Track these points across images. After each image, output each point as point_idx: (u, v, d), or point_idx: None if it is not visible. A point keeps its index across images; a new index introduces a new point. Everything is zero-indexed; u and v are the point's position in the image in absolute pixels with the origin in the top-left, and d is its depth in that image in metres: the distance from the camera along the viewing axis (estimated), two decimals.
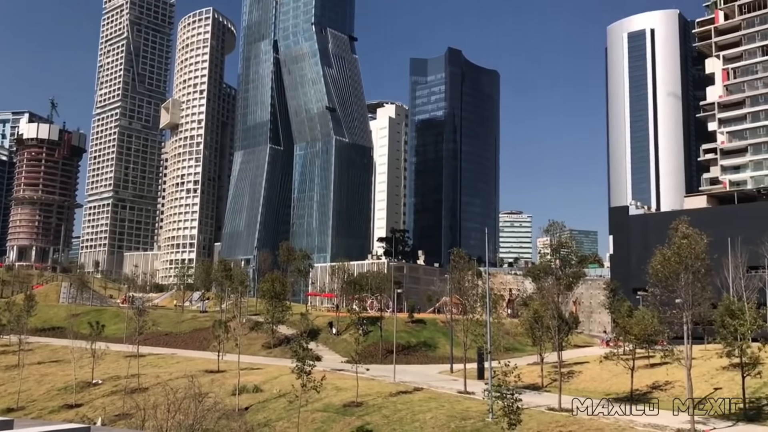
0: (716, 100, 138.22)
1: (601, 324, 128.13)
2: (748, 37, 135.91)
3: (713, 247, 43.91)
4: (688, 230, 37.44)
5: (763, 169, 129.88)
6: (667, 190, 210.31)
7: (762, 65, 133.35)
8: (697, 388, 43.81)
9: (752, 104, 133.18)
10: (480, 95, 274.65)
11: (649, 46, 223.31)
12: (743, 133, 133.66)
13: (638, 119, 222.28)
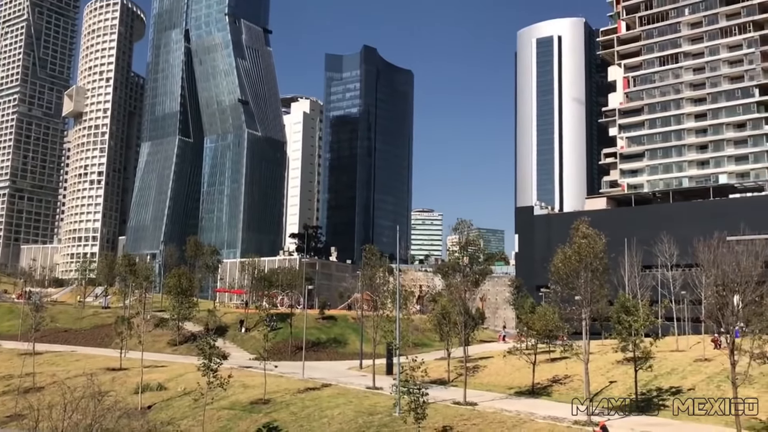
0: (617, 107, 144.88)
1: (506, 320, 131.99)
2: (648, 48, 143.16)
3: (611, 247, 46.05)
4: (588, 230, 39.01)
5: (658, 174, 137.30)
6: (570, 191, 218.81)
7: (659, 75, 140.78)
8: (594, 381, 45.85)
9: (650, 111, 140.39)
10: (395, 94, 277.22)
11: (556, 52, 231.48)
12: (641, 139, 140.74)
13: (544, 123, 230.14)
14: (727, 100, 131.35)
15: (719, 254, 33.57)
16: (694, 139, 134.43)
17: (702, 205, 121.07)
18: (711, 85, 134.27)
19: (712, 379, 43.61)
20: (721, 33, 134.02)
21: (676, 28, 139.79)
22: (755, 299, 32.38)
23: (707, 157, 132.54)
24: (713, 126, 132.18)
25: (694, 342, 59.41)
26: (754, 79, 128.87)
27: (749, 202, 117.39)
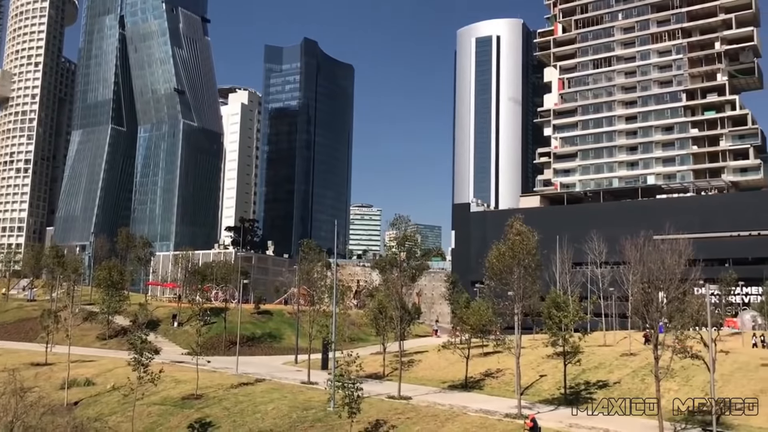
0: (552, 107, 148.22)
1: (441, 315, 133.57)
2: (582, 50, 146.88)
3: (543, 244, 47.12)
4: (522, 227, 39.77)
5: (589, 174, 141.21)
6: (505, 189, 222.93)
7: (593, 77, 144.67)
8: (525, 375, 46.91)
9: (583, 113, 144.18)
10: (335, 88, 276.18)
11: (495, 52, 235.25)
12: (574, 140, 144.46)
13: (482, 121, 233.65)
14: (656, 104, 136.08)
15: (645, 252, 34.75)
16: (624, 141, 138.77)
17: (630, 205, 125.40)
18: (641, 88, 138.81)
19: (637, 373, 45.24)
20: (652, 38, 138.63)
21: (610, 32, 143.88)
22: (678, 296, 33.68)
23: (636, 159, 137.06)
24: (643, 128, 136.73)
25: (621, 337, 61.57)
26: (681, 84, 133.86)
27: (674, 203, 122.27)
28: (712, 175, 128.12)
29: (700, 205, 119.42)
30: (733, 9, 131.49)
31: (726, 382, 41.08)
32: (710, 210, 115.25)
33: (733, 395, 38.90)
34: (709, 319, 32.18)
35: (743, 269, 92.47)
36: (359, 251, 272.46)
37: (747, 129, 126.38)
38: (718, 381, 39.74)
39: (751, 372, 43.09)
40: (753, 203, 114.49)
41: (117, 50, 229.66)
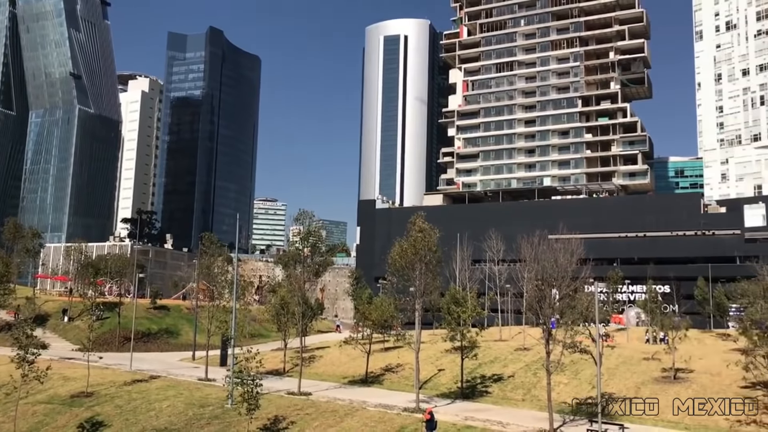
0: (456, 108, 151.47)
1: (345, 310, 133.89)
2: (486, 54, 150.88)
3: (445, 241, 48.14)
4: (424, 225, 40.45)
5: (490, 174, 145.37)
6: (410, 187, 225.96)
7: (495, 81, 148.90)
8: (424, 369, 47.81)
9: (485, 115, 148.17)
10: (240, 79, 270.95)
11: (402, 51, 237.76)
12: (476, 141, 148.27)
13: (389, 119, 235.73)
14: (554, 109, 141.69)
15: (540, 251, 36.17)
16: (523, 144, 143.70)
17: (528, 205, 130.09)
18: (541, 93, 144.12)
19: (530, 367, 47.06)
20: (551, 45, 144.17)
21: (513, 38, 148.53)
22: (569, 293, 35.27)
23: (534, 161, 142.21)
24: (541, 132, 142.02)
25: (516, 332, 63.78)
26: (578, 90, 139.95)
27: (568, 204, 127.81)
28: (603, 178, 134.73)
29: (592, 206, 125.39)
30: (627, 21, 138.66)
31: (611, 375, 43.39)
32: (601, 212, 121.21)
33: (618, 387, 41.20)
34: (596, 315, 33.83)
35: (629, 268, 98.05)
36: (263, 246, 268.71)
37: (636, 135, 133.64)
38: (604, 374, 41.91)
39: (634, 365, 45.71)
40: (640, 206, 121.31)
41: (7, 29, 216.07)
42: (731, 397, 37.16)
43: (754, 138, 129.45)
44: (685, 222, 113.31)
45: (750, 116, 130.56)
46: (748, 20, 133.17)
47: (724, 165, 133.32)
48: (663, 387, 40.19)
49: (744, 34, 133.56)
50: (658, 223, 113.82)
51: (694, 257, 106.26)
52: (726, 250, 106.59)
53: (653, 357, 46.88)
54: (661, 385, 40.53)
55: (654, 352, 47.98)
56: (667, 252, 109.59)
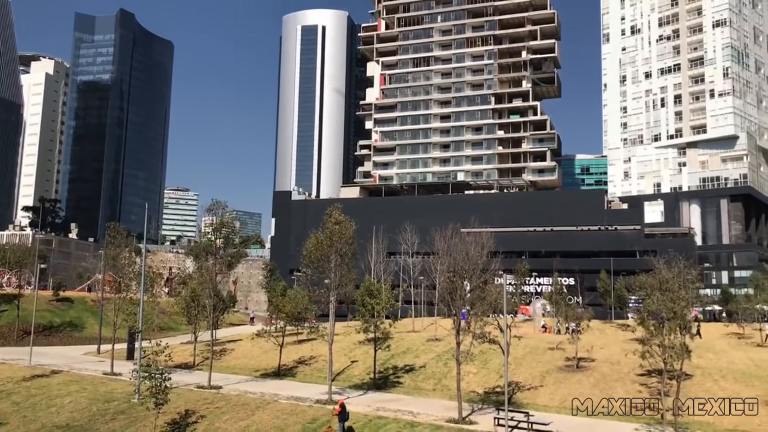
0: (373, 102, 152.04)
1: (259, 303, 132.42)
2: (403, 48, 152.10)
3: (361, 234, 48.33)
4: (340, 217, 40.49)
5: (406, 168, 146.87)
6: (327, 179, 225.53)
7: (412, 75, 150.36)
8: (337, 361, 47.94)
9: (402, 109, 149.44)
10: (152, 64, 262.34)
11: (320, 42, 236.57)
12: (393, 134, 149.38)
13: (306, 110, 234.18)
14: (468, 105, 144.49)
15: (453, 244, 36.92)
16: (438, 139, 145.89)
17: (442, 199, 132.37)
18: (456, 89, 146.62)
19: (441, 357, 47.99)
20: (467, 43, 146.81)
21: (430, 33, 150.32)
22: (480, 285, 36.18)
23: (449, 156, 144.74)
24: (455, 128, 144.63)
25: (429, 323, 64.90)
26: (491, 88, 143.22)
27: (481, 199, 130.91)
28: (514, 174, 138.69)
29: (503, 201, 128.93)
30: (539, 21, 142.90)
31: (518, 364, 44.82)
32: (511, 206, 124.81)
33: (524, 376, 42.62)
34: (504, 306, 34.81)
35: (537, 261, 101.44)
36: (173, 237, 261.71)
37: (546, 133, 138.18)
38: (511, 364, 43.29)
39: (539, 355, 47.36)
40: (547, 201, 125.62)
41: None
42: (629, 384, 39.18)
43: (654, 138, 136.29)
44: (590, 217, 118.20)
45: (651, 117, 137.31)
46: (651, 25, 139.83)
47: (627, 163, 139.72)
48: (566, 375, 41.86)
49: (647, 39, 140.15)
50: (565, 218, 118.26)
51: (598, 251, 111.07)
52: (627, 245, 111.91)
53: (558, 347, 48.72)
54: (564, 374, 42.19)
55: (559, 342, 49.86)
56: (573, 246, 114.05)
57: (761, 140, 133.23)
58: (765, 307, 66.25)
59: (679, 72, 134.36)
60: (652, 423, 33.05)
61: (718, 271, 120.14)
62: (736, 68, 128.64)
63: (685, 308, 32.56)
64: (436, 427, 31.77)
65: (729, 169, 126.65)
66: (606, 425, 32.89)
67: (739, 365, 42.23)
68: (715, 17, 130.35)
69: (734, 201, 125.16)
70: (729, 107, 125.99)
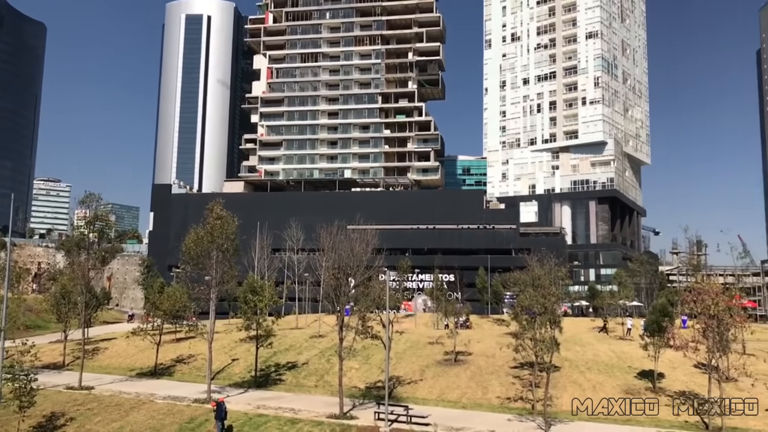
0: (260, 95, 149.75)
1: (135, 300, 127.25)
2: (291, 43, 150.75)
3: (245, 230, 47.64)
4: (223, 212, 39.70)
5: (293, 164, 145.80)
6: (210, 172, 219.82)
7: (300, 71, 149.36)
8: (217, 359, 47.05)
9: (289, 104, 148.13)
10: (21, 46, 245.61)
11: (205, 32, 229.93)
12: (280, 129, 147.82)
13: (189, 101, 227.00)
14: (356, 103, 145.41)
15: (338, 240, 37.16)
16: (326, 135, 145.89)
17: (328, 196, 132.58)
18: (344, 87, 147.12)
19: (324, 354, 48.16)
20: (355, 41, 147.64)
21: (318, 29, 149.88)
22: (364, 281, 36.65)
23: (336, 153, 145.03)
24: (343, 125, 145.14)
25: (312, 320, 64.90)
26: (378, 87, 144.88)
27: (367, 196, 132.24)
28: (399, 173, 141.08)
29: (389, 199, 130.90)
30: (425, 24, 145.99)
31: (399, 359, 45.75)
32: (396, 204, 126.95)
33: (405, 371, 43.56)
34: (387, 302, 35.47)
35: (420, 258, 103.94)
36: (42, 230, 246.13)
37: (430, 134, 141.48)
38: (393, 359, 44.16)
39: (420, 349, 48.56)
40: (431, 200, 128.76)
41: None
42: (503, 377, 40.97)
43: (530, 142, 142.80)
44: (470, 216, 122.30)
45: (528, 122, 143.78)
46: (530, 34, 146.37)
47: (505, 165, 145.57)
48: (445, 369, 43.18)
49: (526, 46, 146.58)
50: (447, 217, 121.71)
51: (477, 249, 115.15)
52: (503, 243, 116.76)
53: (437, 341, 50.14)
54: (443, 368, 43.51)
55: (438, 337, 51.32)
56: (453, 243, 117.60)
57: (626, 147, 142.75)
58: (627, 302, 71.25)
59: (554, 80, 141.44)
60: (524, 413, 34.75)
61: (586, 269, 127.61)
62: (606, 78, 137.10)
63: (555, 304, 34.47)
64: (317, 423, 31.91)
65: (597, 173, 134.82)
66: (481, 416, 34.24)
67: (604, 357, 45.14)
68: (588, 29, 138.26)
69: (601, 203, 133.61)
70: (599, 115, 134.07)
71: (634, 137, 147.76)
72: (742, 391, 36.08)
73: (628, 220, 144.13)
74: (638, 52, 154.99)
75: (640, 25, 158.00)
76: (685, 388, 37.89)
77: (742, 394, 35.49)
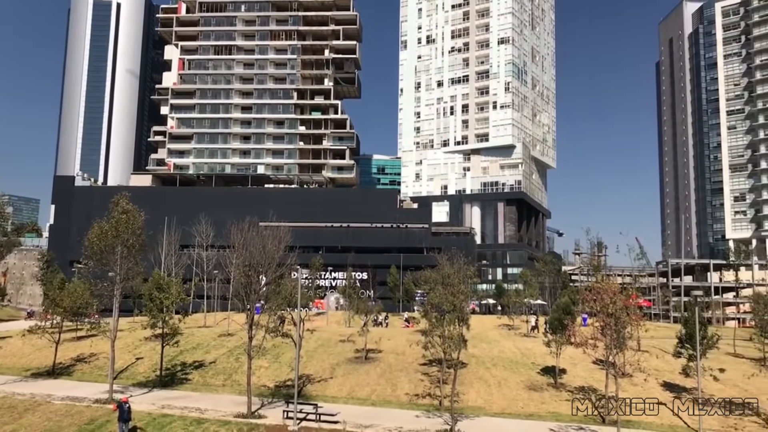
0: (171, 86, 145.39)
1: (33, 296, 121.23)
2: (205, 34, 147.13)
3: (152, 225, 46.27)
4: (129, 206, 38.44)
5: (204, 158, 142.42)
6: (117, 164, 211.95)
7: (213, 63, 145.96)
8: (121, 358, 45.48)
9: (201, 97, 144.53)
10: None
11: (114, 19, 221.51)
12: (191, 122, 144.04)
13: (95, 90, 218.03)
14: (271, 98, 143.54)
15: (249, 238, 36.62)
16: (239, 130, 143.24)
17: (240, 192, 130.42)
18: (258, 81, 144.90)
19: (233, 352, 47.40)
20: (270, 35, 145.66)
21: (233, 22, 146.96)
22: (275, 279, 36.29)
23: (249, 148, 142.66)
24: (257, 120, 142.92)
25: (221, 318, 63.76)
26: (294, 83, 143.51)
27: (280, 193, 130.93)
28: (314, 170, 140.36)
29: (303, 196, 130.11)
30: (342, 22, 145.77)
31: (310, 357, 45.61)
32: (311, 202, 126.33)
33: (316, 369, 43.47)
34: (299, 300, 35.30)
35: (333, 256, 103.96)
36: None
37: (345, 132, 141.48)
38: (303, 357, 43.99)
39: (331, 348, 48.58)
40: (345, 198, 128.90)
41: None
42: (412, 373, 41.56)
43: (443, 143, 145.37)
44: (384, 215, 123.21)
45: (442, 124, 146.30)
46: (445, 37, 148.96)
47: (419, 166, 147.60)
48: (356, 367, 43.38)
49: (441, 49, 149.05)
50: (361, 215, 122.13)
51: (390, 247, 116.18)
52: (416, 242, 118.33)
53: (349, 339, 50.32)
54: (354, 365, 43.69)
55: (349, 335, 51.50)
56: (367, 242, 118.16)
57: (534, 151, 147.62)
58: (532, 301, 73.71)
59: (467, 83, 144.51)
60: (432, 410, 35.37)
61: (493, 268, 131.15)
62: (516, 83, 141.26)
63: (464, 301, 35.27)
64: (224, 423, 31.39)
65: (506, 175, 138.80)
66: (389, 413, 34.61)
67: (509, 354, 46.56)
68: (500, 35, 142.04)
69: (509, 204, 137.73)
70: (508, 119, 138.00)
71: (541, 142, 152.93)
72: (636, 386, 38.06)
73: (534, 221, 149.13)
74: (547, 60, 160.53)
75: (549, 33, 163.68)
76: (585, 384, 39.60)
77: (636, 389, 37.45)
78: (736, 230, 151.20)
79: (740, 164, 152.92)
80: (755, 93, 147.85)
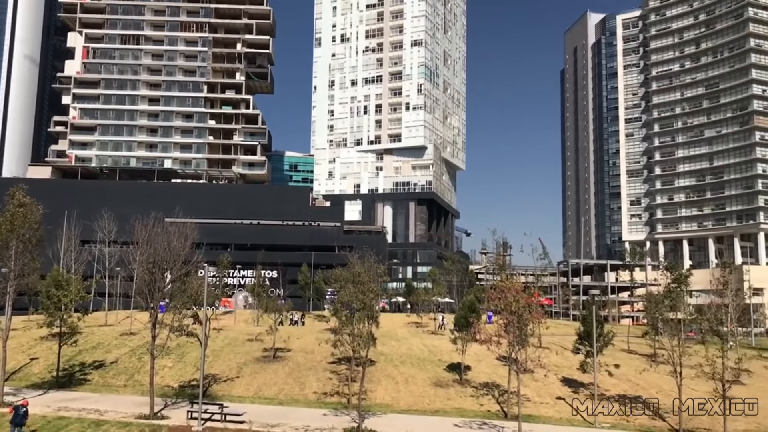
0: (74, 75, 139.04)
1: None
2: (111, 23, 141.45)
3: (50, 219, 44.25)
4: (25, 199, 36.77)
5: (108, 150, 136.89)
6: (13, 155, 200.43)
7: (120, 53, 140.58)
8: (13, 359, 43.25)
9: (106, 87, 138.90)
10: None
11: (12, 2, 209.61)
12: (95, 113, 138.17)
13: None
14: (180, 91, 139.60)
15: (154, 234, 35.64)
16: (145, 122, 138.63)
17: (146, 186, 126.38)
18: (167, 73, 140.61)
19: (135, 352, 45.97)
20: (181, 26, 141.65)
21: (141, 11, 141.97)
22: (181, 277, 35.49)
23: (156, 141, 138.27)
24: (165, 112, 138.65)
25: (124, 317, 61.67)
26: (204, 76, 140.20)
27: (188, 188, 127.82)
28: (224, 165, 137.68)
29: (212, 192, 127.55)
30: (255, 16, 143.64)
31: (216, 357, 44.84)
32: (220, 198, 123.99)
33: (222, 368, 42.77)
34: (205, 298, 34.67)
35: (243, 254, 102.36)
36: None
37: (257, 128, 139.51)
38: (209, 356, 43.16)
39: (238, 347, 47.92)
40: (256, 195, 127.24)
41: None
42: (321, 372, 41.60)
43: (357, 142, 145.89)
44: (296, 213, 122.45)
45: (355, 122, 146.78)
46: (359, 36, 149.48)
47: (332, 164, 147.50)
48: (263, 366, 43.00)
49: (355, 48, 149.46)
50: (272, 213, 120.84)
51: (301, 245, 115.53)
52: (328, 240, 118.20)
53: (257, 338, 49.78)
54: (261, 364, 43.29)
55: (258, 334, 50.94)
56: (278, 240, 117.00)
57: (444, 152, 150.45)
58: (440, 299, 75.21)
59: (381, 83, 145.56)
60: (339, 408, 35.54)
61: (404, 267, 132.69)
62: (428, 86, 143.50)
63: (374, 300, 35.62)
64: (125, 425, 30.43)
65: (418, 175, 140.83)
66: (297, 412, 34.54)
67: (416, 351, 47.35)
68: (414, 37, 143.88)
69: (420, 204, 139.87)
70: (420, 120, 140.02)
71: (451, 144, 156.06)
72: (537, 381, 39.58)
73: (443, 221, 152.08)
74: (458, 64, 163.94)
75: (460, 37, 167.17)
76: (489, 380, 40.83)
77: (537, 384, 38.94)
78: (632, 233, 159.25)
79: (636, 170, 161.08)
80: (651, 102, 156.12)
